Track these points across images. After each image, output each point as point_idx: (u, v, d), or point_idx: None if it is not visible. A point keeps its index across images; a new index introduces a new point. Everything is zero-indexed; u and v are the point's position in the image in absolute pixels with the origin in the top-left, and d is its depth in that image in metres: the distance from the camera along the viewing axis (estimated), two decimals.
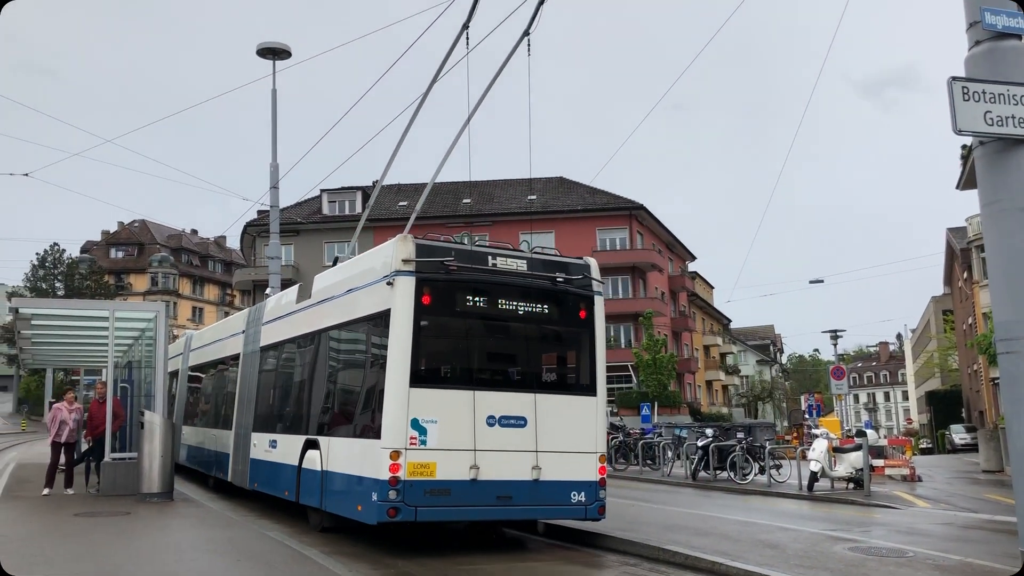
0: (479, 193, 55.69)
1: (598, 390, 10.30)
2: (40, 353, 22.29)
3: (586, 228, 53.05)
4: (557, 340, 10.65)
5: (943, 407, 60.17)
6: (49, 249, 78.05)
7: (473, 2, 10.48)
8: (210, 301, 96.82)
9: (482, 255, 9.88)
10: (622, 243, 53.88)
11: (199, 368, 19.69)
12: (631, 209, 54.15)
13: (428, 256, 9.45)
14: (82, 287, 74.39)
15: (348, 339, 11.07)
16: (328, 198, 55.52)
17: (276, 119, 21.98)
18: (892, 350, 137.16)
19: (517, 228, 49.63)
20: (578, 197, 55.10)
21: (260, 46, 20.95)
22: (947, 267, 58.48)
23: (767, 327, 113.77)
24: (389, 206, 53.40)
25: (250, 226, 54.13)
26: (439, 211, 52.10)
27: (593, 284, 10.47)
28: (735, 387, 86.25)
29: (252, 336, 15.07)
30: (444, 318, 9.68)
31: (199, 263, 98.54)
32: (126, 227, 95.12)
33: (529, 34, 10.56)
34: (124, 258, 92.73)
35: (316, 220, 54.48)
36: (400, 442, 8.96)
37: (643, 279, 54.20)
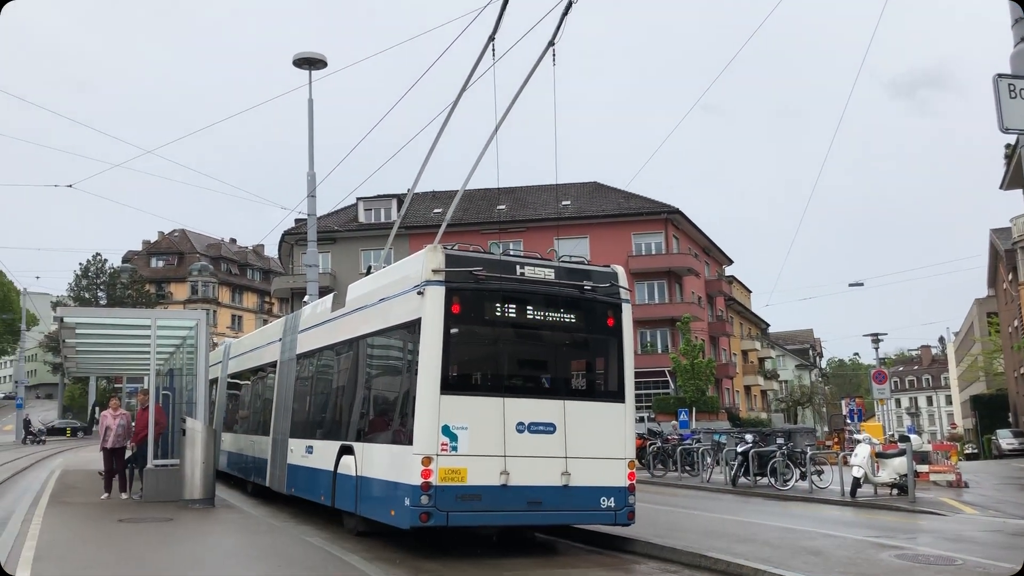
0: (513, 199, 55.72)
1: (626, 396, 10.30)
2: (84, 361, 22.69)
3: (621, 233, 52.81)
4: (585, 347, 10.71)
5: (989, 411, 58.95)
6: (92, 259, 79.63)
7: (499, 14, 10.53)
8: (249, 309, 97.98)
9: (510, 264, 9.97)
10: (658, 248, 53.54)
11: (238, 375, 19.91)
12: (666, 213, 53.82)
13: (458, 266, 9.55)
14: (124, 296, 75.72)
15: (381, 347, 11.18)
16: (364, 206, 55.92)
17: (313, 128, 22.22)
18: (935, 353, 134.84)
19: (551, 234, 49.57)
20: (612, 202, 54.89)
21: (297, 56, 21.19)
22: (991, 269, 57.37)
23: (806, 331, 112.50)
24: (424, 213, 53.65)
25: (288, 234, 54.69)
26: (473, 217, 52.21)
27: (620, 292, 10.52)
28: (774, 392, 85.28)
29: (289, 344, 15.23)
30: (474, 326, 9.77)
31: (238, 271, 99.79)
32: (166, 236, 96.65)
33: (554, 44, 10.59)
34: (164, 267, 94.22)
35: (352, 228, 54.88)
36: (432, 448, 9.04)
37: (679, 284, 53.83)
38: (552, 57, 10.65)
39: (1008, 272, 45.77)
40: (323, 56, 21.30)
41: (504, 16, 10.51)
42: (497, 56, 10.91)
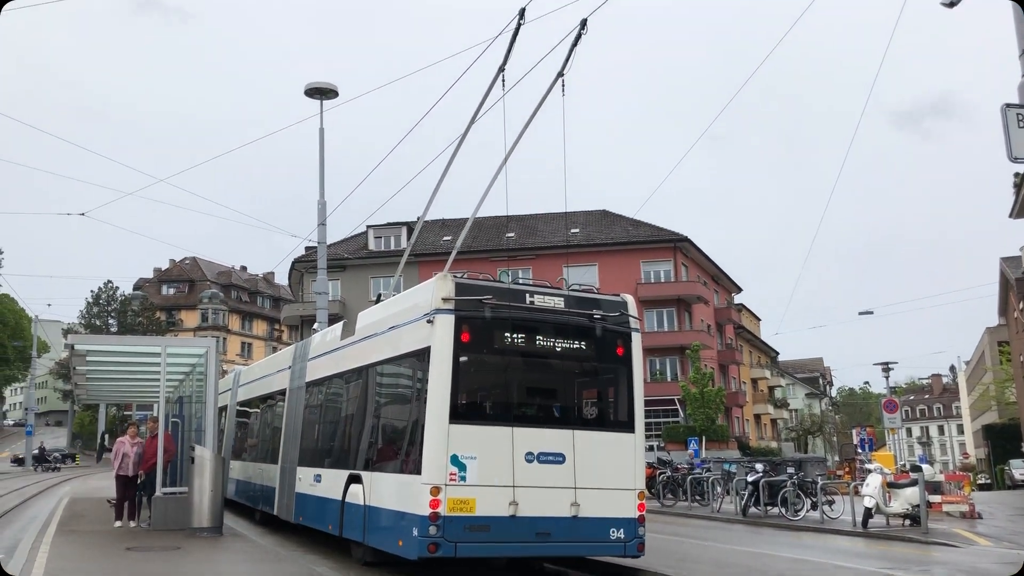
0: (522, 227, 55.90)
1: (636, 427, 10.25)
2: (94, 388, 22.74)
3: (630, 261, 52.86)
4: (595, 376, 10.66)
5: (1001, 441, 58.35)
6: (103, 287, 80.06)
7: (509, 47, 10.63)
8: (259, 336, 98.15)
9: (520, 293, 9.96)
10: (666, 275, 53.53)
11: (247, 403, 19.92)
12: (675, 241, 53.87)
13: (467, 294, 9.55)
14: (134, 324, 75.96)
15: (390, 375, 11.18)
16: (374, 234, 56.15)
17: (323, 157, 22.40)
18: (945, 382, 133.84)
19: (560, 261, 49.62)
20: (621, 230, 54.99)
21: (308, 86, 21.40)
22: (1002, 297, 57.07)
23: (816, 360, 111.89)
24: (433, 241, 53.83)
25: (298, 262, 54.93)
26: (482, 245, 52.35)
27: (630, 321, 10.47)
28: (784, 421, 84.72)
29: (298, 372, 15.25)
30: (483, 355, 9.76)
31: (248, 299, 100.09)
32: (177, 264, 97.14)
33: (563, 75, 10.65)
34: (175, 294, 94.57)
35: (362, 256, 55.08)
36: (440, 478, 8.99)
37: (688, 312, 53.75)
38: (562, 87, 10.73)
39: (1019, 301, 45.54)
40: (334, 86, 21.52)
41: (514, 47, 10.62)
42: (507, 87, 11.01)
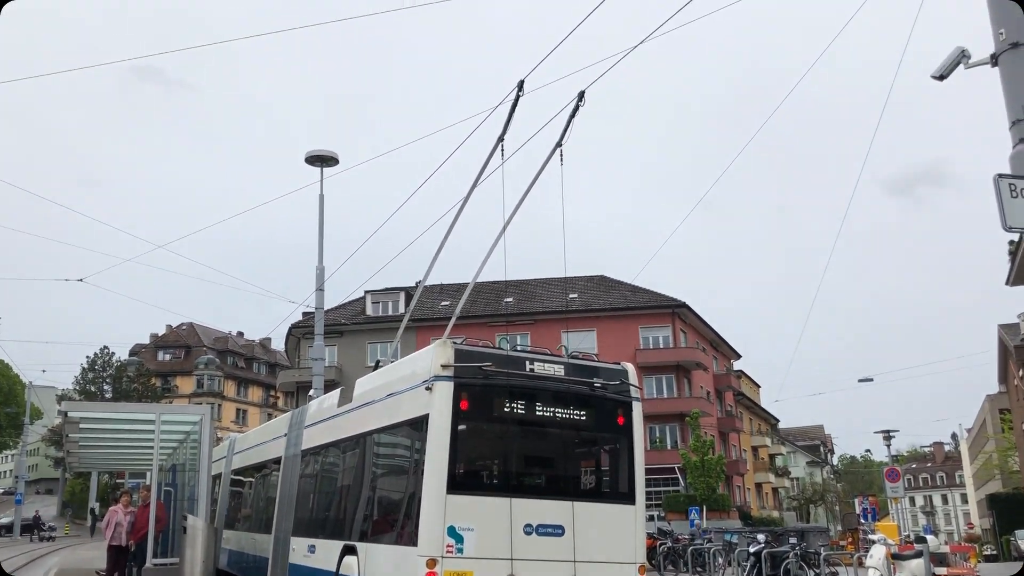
0: (520, 292, 56.02)
1: (637, 498, 10.08)
2: (87, 456, 22.49)
3: (628, 326, 52.84)
4: (595, 446, 10.54)
5: (1007, 511, 57.49)
6: (99, 352, 79.69)
7: (508, 117, 10.78)
8: (254, 403, 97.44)
9: (520, 360, 9.86)
10: (665, 341, 53.46)
11: (242, 471, 19.65)
12: (673, 307, 53.94)
13: (467, 361, 9.46)
14: (129, 390, 75.46)
15: (387, 444, 11.04)
16: (372, 299, 56.22)
17: (323, 223, 22.50)
18: (948, 450, 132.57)
19: (558, 327, 49.61)
20: (619, 295, 55.11)
21: (309, 154, 21.64)
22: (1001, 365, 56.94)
23: (816, 427, 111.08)
24: (432, 306, 53.87)
25: (295, 328, 54.84)
26: (481, 310, 52.39)
27: (631, 390, 10.36)
28: (785, 490, 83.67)
29: (294, 439, 15.07)
30: (482, 423, 9.64)
31: (244, 365, 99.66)
32: (174, 330, 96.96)
33: (562, 145, 10.77)
34: (171, 360, 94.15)
35: (360, 321, 55.04)
36: (437, 550, 8.80)
37: (688, 378, 53.52)
38: (560, 157, 10.85)
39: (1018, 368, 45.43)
40: (335, 154, 21.76)
41: (513, 117, 10.76)
42: (506, 156, 11.12)
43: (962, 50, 7.24)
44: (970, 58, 7.25)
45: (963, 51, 7.29)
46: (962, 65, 7.26)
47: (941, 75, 7.32)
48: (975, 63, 7.26)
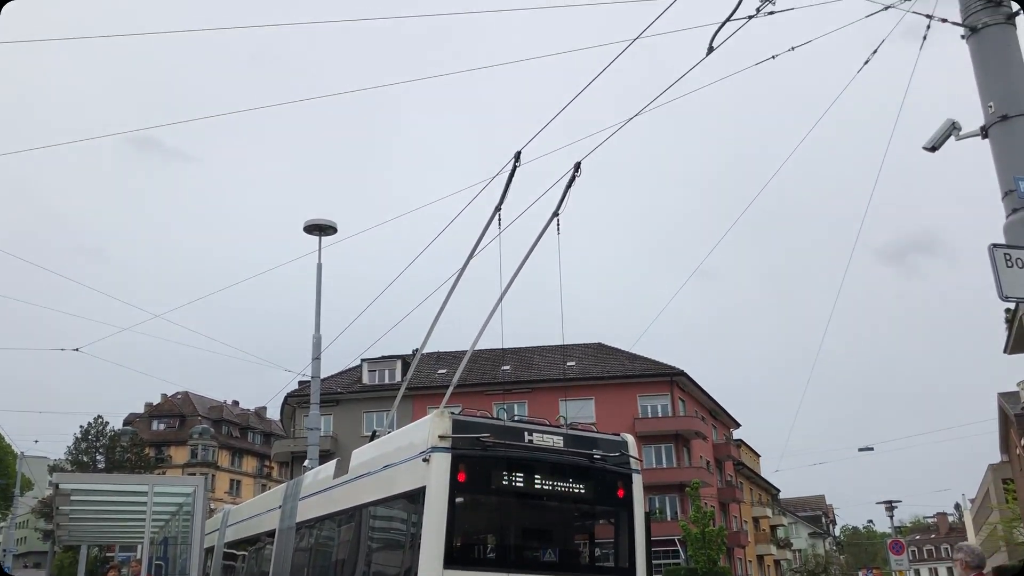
0: (518, 360, 55.83)
1: (638, 572, 9.87)
2: (77, 529, 22.06)
3: (626, 395, 52.54)
4: (594, 520, 10.40)
5: None
6: (93, 422, 78.97)
7: (505, 187, 10.91)
8: (248, 473, 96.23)
9: (518, 431, 9.75)
10: (664, 410, 53.11)
11: (235, 544, 19.28)
12: (671, 375, 53.72)
13: (464, 432, 9.36)
14: (123, 460, 74.57)
15: (384, 517, 10.85)
16: (368, 367, 55.96)
17: (320, 292, 22.48)
18: (951, 521, 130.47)
19: (556, 395, 49.31)
20: (617, 363, 54.92)
21: (307, 223, 21.74)
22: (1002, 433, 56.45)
23: (818, 497, 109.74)
24: (429, 374, 53.61)
25: (291, 396, 54.42)
26: (478, 378, 52.13)
27: (631, 461, 10.23)
28: (787, 562, 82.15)
29: (289, 512, 14.82)
30: (480, 496, 9.51)
31: (239, 434, 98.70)
32: (169, 399, 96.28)
33: (558, 215, 10.86)
34: (165, 430, 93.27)
35: (356, 390, 54.70)
36: None
37: (687, 447, 53.00)
38: (557, 226, 10.91)
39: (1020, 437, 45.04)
40: (333, 222, 21.88)
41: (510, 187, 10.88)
42: (503, 226, 11.19)
43: (952, 122, 7.35)
44: (960, 130, 7.36)
45: (953, 123, 7.40)
46: (953, 137, 7.36)
47: (933, 147, 7.43)
48: (965, 135, 7.37)
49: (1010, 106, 7.04)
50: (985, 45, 7.22)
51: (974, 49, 7.33)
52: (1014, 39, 7.26)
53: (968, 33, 7.35)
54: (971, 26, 7.30)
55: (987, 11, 7.20)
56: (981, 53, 7.27)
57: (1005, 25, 7.20)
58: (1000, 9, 7.19)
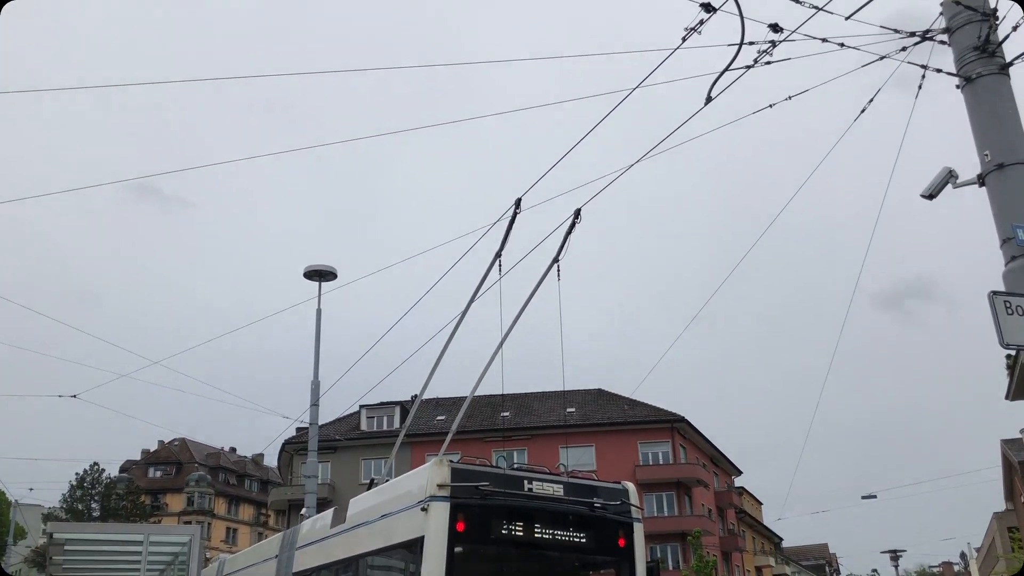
0: (517, 406, 55.52)
1: None
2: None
3: (627, 441, 52.16)
4: (595, 569, 10.26)
5: None
6: (89, 469, 78.25)
7: (505, 234, 10.93)
8: (245, 521, 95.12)
9: (518, 479, 9.67)
10: (665, 457, 52.66)
11: None
12: (672, 422, 53.38)
13: (463, 480, 9.26)
14: (118, 508, 73.77)
15: (382, 567, 10.70)
16: (367, 414, 55.65)
17: (319, 338, 22.41)
18: (957, 570, 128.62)
19: (557, 442, 48.97)
20: (618, 410, 54.61)
21: (307, 268, 21.78)
22: (1006, 481, 55.88)
23: (821, 545, 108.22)
24: (427, 420, 53.27)
25: (288, 443, 54.04)
26: (477, 425, 51.79)
27: (632, 510, 10.13)
28: None
29: (285, 562, 14.61)
30: (479, 546, 9.38)
31: (236, 482, 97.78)
32: (166, 445, 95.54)
33: (559, 261, 10.87)
34: (162, 477, 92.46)
35: (354, 436, 54.30)
36: None
37: (688, 495, 52.47)
38: (557, 272, 10.91)
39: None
40: (333, 268, 21.91)
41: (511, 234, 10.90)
42: (503, 272, 11.19)
43: (950, 170, 7.41)
44: (958, 178, 7.41)
45: (951, 171, 7.46)
46: (950, 185, 7.42)
47: (930, 194, 7.48)
48: (963, 183, 7.42)
49: (1006, 155, 7.11)
50: (980, 95, 7.31)
51: (969, 98, 7.42)
52: (1008, 89, 7.36)
53: (963, 83, 7.44)
54: (965, 76, 7.40)
55: (981, 62, 7.30)
56: (976, 102, 7.35)
57: (999, 75, 7.30)
58: (993, 60, 7.29)
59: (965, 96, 7.46)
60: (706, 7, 7.61)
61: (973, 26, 7.37)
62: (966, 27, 7.42)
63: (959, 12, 7.47)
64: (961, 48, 7.47)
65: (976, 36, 7.33)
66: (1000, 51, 7.35)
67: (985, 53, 7.29)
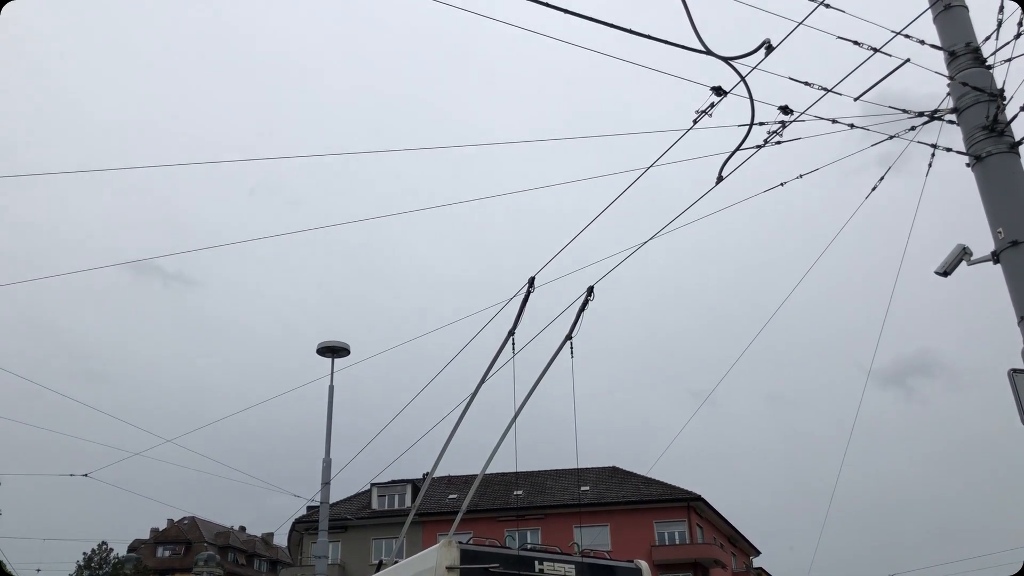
0: (530, 484, 54.70)
1: None
2: None
3: (643, 520, 51.12)
4: None
5: None
6: (97, 548, 77.27)
7: (519, 311, 10.97)
8: None
9: (528, 560, 9.48)
10: (681, 537, 51.51)
11: None
12: (688, 500, 52.38)
13: (473, 562, 9.08)
14: None
15: None
16: (378, 492, 54.91)
17: (331, 416, 22.27)
18: None
19: (571, 521, 48.06)
20: (632, 488, 53.68)
21: (320, 345, 21.79)
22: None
23: None
24: (439, 499, 52.49)
25: (299, 523, 53.24)
26: (489, 503, 50.99)
27: None
28: None
29: None
30: None
31: (245, 562, 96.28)
32: (175, 524, 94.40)
33: (572, 338, 10.86)
34: (171, 557, 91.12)
35: (365, 515, 53.48)
36: None
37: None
38: (570, 349, 10.89)
39: None
40: (346, 344, 21.91)
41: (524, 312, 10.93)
42: (516, 348, 11.17)
43: (963, 247, 7.41)
44: (972, 255, 7.40)
45: (964, 248, 7.45)
46: (964, 262, 7.40)
47: (944, 271, 7.46)
48: (977, 260, 7.40)
49: (1020, 232, 7.11)
50: (990, 173, 7.35)
51: (980, 176, 7.46)
52: (1018, 167, 7.40)
53: (973, 161, 7.49)
54: (975, 155, 7.45)
55: (990, 141, 7.36)
56: (987, 180, 7.39)
57: (1009, 154, 7.34)
58: (1003, 139, 7.35)
59: (976, 173, 7.50)
60: (717, 91, 7.74)
61: (981, 106, 7.46)
62: (974, 107, 7.50)
63: (967, 93, 7.56)
64: (970, 127, 7.54)
65: (984, 116, 7.40)
66: (1009, 130, 7.42)
67: (994, 132, 7.35)
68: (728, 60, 7.39)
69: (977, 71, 7.60)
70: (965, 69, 7.64)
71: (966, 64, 7.66)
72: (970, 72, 7.60)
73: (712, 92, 7.78)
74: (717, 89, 7.76)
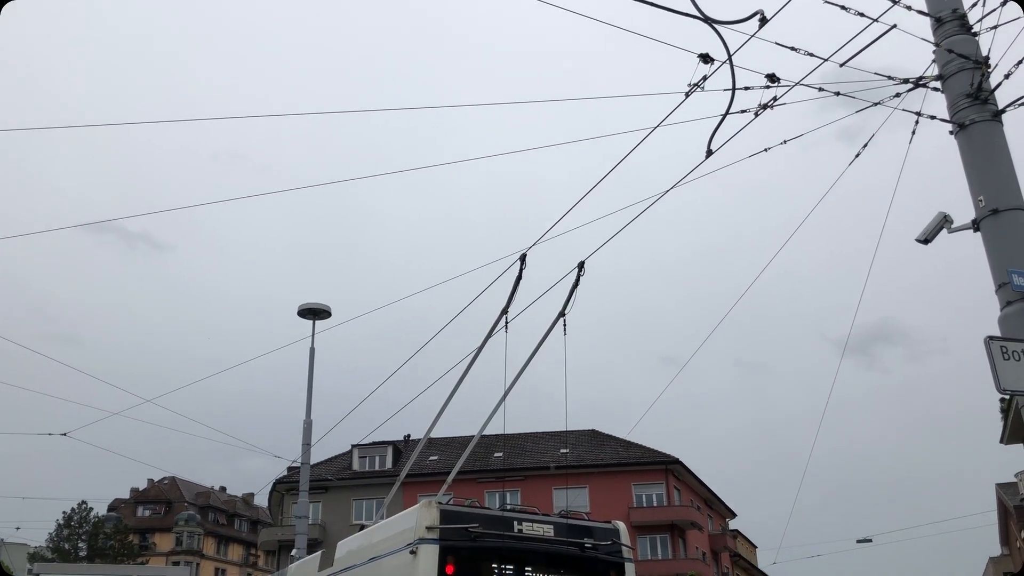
0: (511, 447, 55.12)
1: None
2: None
3: (621, 483, 51.72)
4: None
5: None
6: (76, 508, 77.30)
7: (512, 290, 10.96)
8: (234, 562, 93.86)
9: (508, 520, 9.58)
10: (659, 499, 52.20)
11: None
12: (666, 463, 53.00)
13: (453, 522, 9.17)
14: (105, 547, 72.74)
15: None
16: (359, 453, 55.15)
17: (312, 377, 22.28)
18: None
19: (550, 483, 48.57)
20: (611, 451, 54.23)
21: (301, 307, 21.71)
22: (1001, 525, 55.57)
23: None
24: (420, 460, 52.69)
25: (279, 483, 53.39)
26: (469, 465, 51.27)
27: (623, 550, 10.04)
28: None
29: None
30: None
31: (225, 521, 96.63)
32: (155, 484, 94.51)
33: (564, 315, 10.86)
34: (151, 516, 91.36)
35: (346, 476, 53.75)
36: None
37: (683, 538, 51.92)
38: (563, 326, 10.87)
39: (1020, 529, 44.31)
40: (327, 307, 21.84)
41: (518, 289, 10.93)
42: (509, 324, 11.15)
43: (944, 215, 7.43)
44: (952, 223, 7.43)
45: (945, 216, 7.48)
46: (945, 230, 7.44)
47: (925, 239, 7.49)
48: (957, 228, 7.44)
49: (1000, 200, 7.14)
50: (973, 141, 7.36)
51: (963, 144, 7.47)
52: (1001, 135, 7.41)
53: (956, 129, 7.50)
54: (959, 123, 7.46)
55: (974, 108, 7.36)
56: (970, 148, 7.40)
57: (992, 122, 7.35)
58: (986, 107, 7.35)
59: (959, 141, 7.52)
60: (704, 58, 7.66)
61: (966, 73, 7.45)
62: (959, 74, 7.49)
63: (952, 60, 7.55)
64: (954, 95, 7.54)
65: (969, 83, 7.40)
66: (993, 98, 7.42)
67: (978, 100, 7.36)
68: (715, 25, 7.31)
69: (963, 38, 7.59)
70: (951, 36, 7.62)
71: (952, 31, 7.64)
72: (956, 39, 7.59)
73: (700, 59, 7.70)
74: (704, 56, 7.68)
